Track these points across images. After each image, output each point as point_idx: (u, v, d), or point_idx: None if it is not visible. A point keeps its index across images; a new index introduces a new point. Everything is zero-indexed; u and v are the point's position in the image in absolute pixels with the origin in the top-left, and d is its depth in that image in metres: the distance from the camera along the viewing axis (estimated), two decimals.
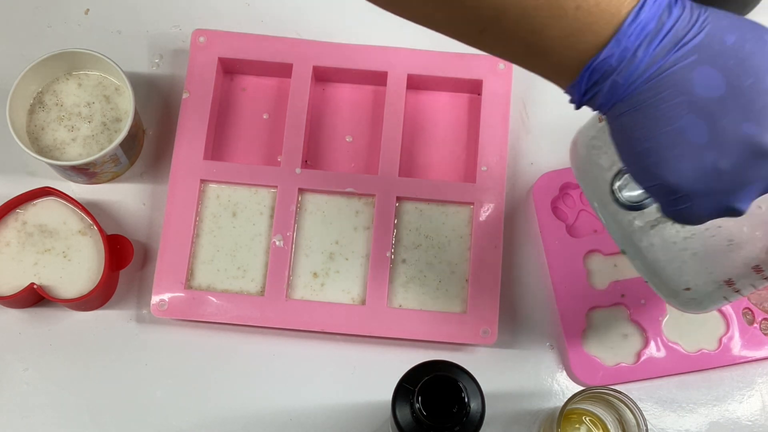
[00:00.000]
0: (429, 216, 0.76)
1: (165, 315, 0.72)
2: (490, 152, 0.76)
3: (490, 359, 0.74)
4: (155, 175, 0.78)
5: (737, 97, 0.44)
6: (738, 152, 0.45)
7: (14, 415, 0.72)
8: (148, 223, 0.77)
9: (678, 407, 0.74)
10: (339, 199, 0.76)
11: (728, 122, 0.44)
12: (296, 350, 0.74)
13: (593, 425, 0.71)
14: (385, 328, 0.72)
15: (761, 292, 0.76)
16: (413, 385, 0.58)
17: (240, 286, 0.74)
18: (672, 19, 0.44)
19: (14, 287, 0.70)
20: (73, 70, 0.76)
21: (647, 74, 0.45)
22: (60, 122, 0.75)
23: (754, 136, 0.44)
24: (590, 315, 0.74)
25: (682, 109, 0.45)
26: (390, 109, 0.77)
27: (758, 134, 0.44)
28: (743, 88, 0.44)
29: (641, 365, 0.73)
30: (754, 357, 0.74)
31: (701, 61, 0.44)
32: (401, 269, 0.75)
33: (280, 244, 0.74)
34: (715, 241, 0.56)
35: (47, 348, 0.74)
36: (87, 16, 0.82)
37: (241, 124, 0.79)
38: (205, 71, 0.77)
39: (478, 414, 0.60)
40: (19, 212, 0.73)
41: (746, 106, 0.44)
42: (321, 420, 0.72)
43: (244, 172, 0.76)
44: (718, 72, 0.44)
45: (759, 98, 0.44)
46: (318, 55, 0.78)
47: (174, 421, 0.72)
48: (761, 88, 0.44)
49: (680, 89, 0.45)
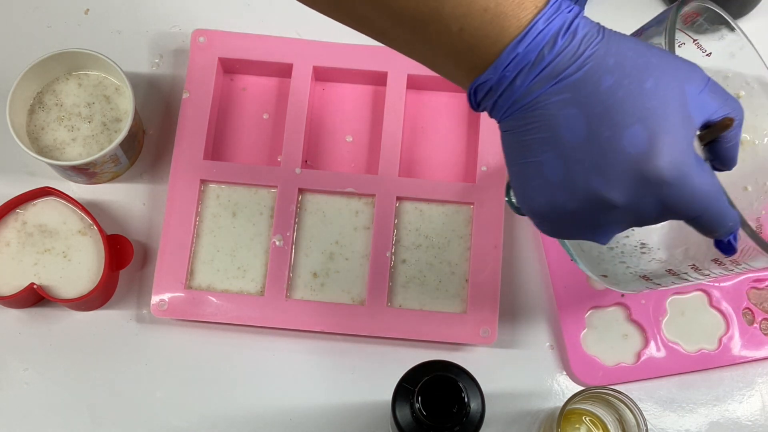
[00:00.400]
0: (429, 216, 0.76)
1: (165, 315, 0.72)
2: (490, 152, 0.76)
3: (490, 359, 0.74)
4: (155, 175, 0.78)
5: (593, 147, 0.44)
6: (585, 200, 0.45)
7: (14, 415, 0.72)
8: (148, 223, 0.77)
9: (678, 407, 0.74)
10: (339, 199, 0.76)
11: (580, 170, 0.44)
12: (296, 350, 0.74)
13: (593, 425, 0.71)
14: (385, 328, 0.72)
15: (761, 292, 0.76)
16: (413, 385, 0.59)
17: (240, 286, 0.74)
18: (554, 53, 0.43)
19: (14, 287, 0.70)
20: (73, 70, 0.76)
21: (523, 102, 0.45)
22: (60, 122, 0.75)
23: (600, 191, 0.44)
24: (590, 315, 0.74)
25: (545, 145, 0.45)
26: (390, 109, 0.77)
27: (605, 190, 0.44)
28: (601, 140, 0.43)
29: (641, 365, 0.73)
30: (754, 357, 0.74)
31: (571, 101, 0.44)
32: (401, 269, 0.75)
33: (280, 244, 0.74)
34: (628, 241, 0.58)
35: (47, 348, 0.74)
36: (87, 16, 0.82)
37: (241, 124, 0.79)
38: (205, 71, 0.77)
39: (478, 414, 0.60)
40: (19, 212, 0.73)
41: (599, 158, 0.44)
42: (321, 420, 0.73)
43: (244, 172, 0.76)
44: (583, 117, 0.44)
45: (611, 153, 0.43)
46: (318, 55, 0.78)
47: (174, 421, 0.72)
48: (615, 145, 0.43)
49: (547, 125, 0.45)
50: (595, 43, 0.44)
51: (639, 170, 0.43)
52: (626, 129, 0.43)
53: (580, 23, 0.44)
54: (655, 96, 0.43)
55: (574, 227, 0.47)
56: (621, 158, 0.43)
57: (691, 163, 0.43)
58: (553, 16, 0.43)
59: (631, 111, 0.43)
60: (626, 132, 0.43)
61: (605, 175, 0.44)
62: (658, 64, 0.44)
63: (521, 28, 0.43)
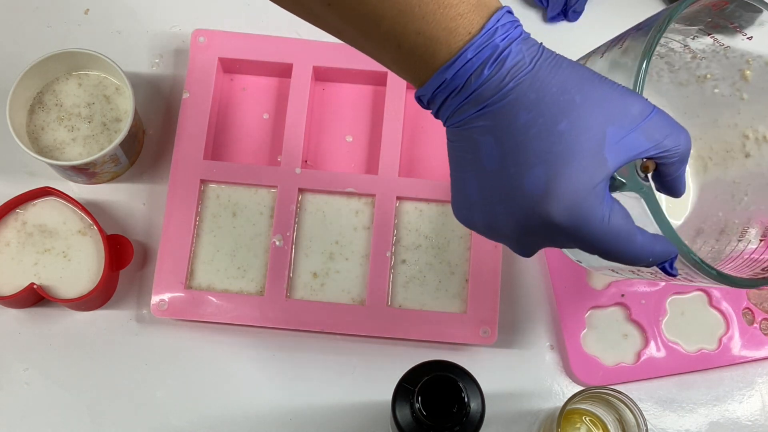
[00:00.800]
0: (429, 216, 0.76)
1: (165, 315, 0.72)
2: None
3: (490, 359, 0.74)
4: (155, 175, 0.78)
5: (501, 178, 0.45)
6: (489, 224, 0.47)
7: (14, 415, 0.72)
8: (148, 223, 0.77)
9: (678, 407, 0.74)
10: (339, 199, 0.76)
11: (490, 196, 0.46)
12: (296, 350, 0.74)
13: (593, 425, 0.71)
14: (385, 328, 0.72)
15: (761, 292, 0.76)
16: (413, 385, 0.59)
17: (240, 286, 0.74)
18: (479, 81, 0.44)
19: (14, 287, 0.70)
20: (73, 70, 0.76)
21: (454, 121, 0.46)
22: (60, 122, 0.75)
23: (499, 221, 0.46)
24: (590, 315, 0.74)
25: (467, 164, 0.47)
26: (390, 109, 0.77)
27: (503, 221, 0.46)
28: (508, 173, 0.45)
29: (641, 365, 0.73)
30: (754, 357, 0.74)
31: (491, 130, 0.45)
32: (401, 269, 0.75)
33: (280, 244, 0.74)
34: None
35: (47, 348, 0.74)
36: (87, 16, 0.82)
37: (241, 124, 0.79)
38: (205, 71, 0.77)
39: (478, 414, 0.60)
40: (19, 212, 0.73)
41: (504, 189, 0.45)
42: (321, 420, 0.73)
43: (244, 172, 0.76)
44: (498, 147, 0.45)
45: (513, 189, 0.45)
46: (318, 55, 0.78)
47: (174, 421, 0.72)
48: (517, 182, 0.44)
49: (470, 147, 0.46)
50: (522, 74, 0.44)
51: (534, 211, 0.44)
52: (529, 169, 0.44)
53: (511, 52, 0.44)
54: (563, 139, 0.43)
55: (496, 239, 0.49)
56: (520, 196, 0.45)
57: (590, 209, 0.44)
58: (483, 44, 0.44)
59: (538, 152, 0.44)
60: (528, 172, 0.44)
61: (508, 207, 0.45)
62: (582, 103, 0.44)
63: (451, 54, 0.44)
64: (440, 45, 0.44)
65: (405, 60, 0.46)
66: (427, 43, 0.44)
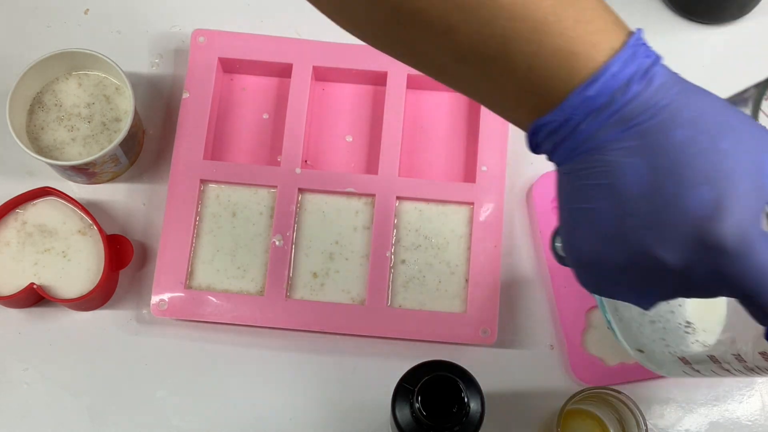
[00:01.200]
0: (429, 216, 0.76)
1: (165, 315, 0.72)
2: (490, 152, 0.76)
3: (490, 359, 0.74)
4: (155, 175, 0.78)
5: (653, 202, 0.41)
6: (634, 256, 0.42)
7: (14, 415, 0.72)
8: (148, 223, 0.77)
9: (678, 407, 0.74)
10: (339, 199, 0.76)
11: (634, 224, 0.41)
12: (296, 350, 0.74)
13: (593, 425, 0.71)
14: (385, 328, 0.72)
15: None
16: (413, 385, 0.59)
17: (240, 286, 0.74)
18: (626, 98, 0.41)
19: (14, 287, 0.70)
20: (73, 70, 0.76)
21: (586, 147, 0.42)
22: (60, 122, 0.75)
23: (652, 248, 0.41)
24: (590, 315, 0.74)
25: (602, 192, 0.42)
26: (390, 109, 0.77)
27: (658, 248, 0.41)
28: (664, 195, 0.40)
29: (641, 365, 0.73)
30: None
31: (638, 150, 0.41)
32: (401, 269, 0.75)
33: (279, 244, 0.74)
34: (673, 317, 0.55)
35: (47, 348, 0.74)
36: (87, 16, 0.82)
37: (241, 124, 0.79)
38: (205, 71, 0.77)
39: (478, 414, 0.60)
40: (19, 212, 0.73)
41: (658, 214, 0.41)
42: (321, 420, 0.73)
43: (244, 172, 0.76)
44: (648, 168, 0.41)
45: (672, 211, 0.40)
46: (318, 55, 0.78)
47: (174, 421, 0.72)
48: (678, 203, 0.40)
49: (607, 172, 0.42)
50: (673, 93, 0.41)
51: (700, 234, 0.40)
52: (693, 188, 0.40)
53: (658, 71, 0.41)
54: (729, 158, 0.40)
55: (618, 284, 0.44)
56: (682, 218, 0.40)
57: (756, 236, 0.40)
58: (629, 60, 0.41)
59: (702, 170, 0.40)
60: (693, 191, 0.40)
61: (661, 232, 0.40)
62: (737, 126, 0.41)
63: (594, 69, 0.41)
64: (581, 60, 0.41)
65: (532, 84, 0.42)
66: (566, 59, 0.41)
